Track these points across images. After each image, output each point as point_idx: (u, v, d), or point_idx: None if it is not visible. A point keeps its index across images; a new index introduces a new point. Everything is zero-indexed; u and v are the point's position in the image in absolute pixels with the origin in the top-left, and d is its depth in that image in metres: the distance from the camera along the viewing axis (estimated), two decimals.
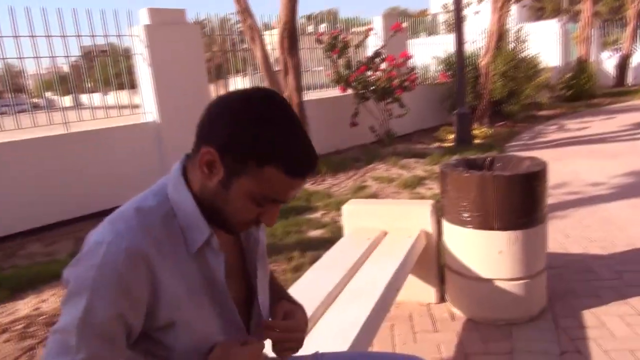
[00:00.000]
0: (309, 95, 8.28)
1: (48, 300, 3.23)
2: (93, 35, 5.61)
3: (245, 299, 1.09)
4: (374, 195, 5.06)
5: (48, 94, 9.43)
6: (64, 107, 5.91)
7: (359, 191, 5.27)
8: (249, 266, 1.10)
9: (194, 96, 6.21)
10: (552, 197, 4.37)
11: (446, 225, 2.69)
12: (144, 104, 6.14)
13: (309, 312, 1.28)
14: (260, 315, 1.09)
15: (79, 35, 5.51)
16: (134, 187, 4.99)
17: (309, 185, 6.03)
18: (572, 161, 6.25)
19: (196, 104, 6.08)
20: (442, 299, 2.86)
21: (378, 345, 2.44)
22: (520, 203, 2.44)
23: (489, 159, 2.82)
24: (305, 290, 2.07)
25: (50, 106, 5.84)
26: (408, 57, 7.97)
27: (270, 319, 1.13)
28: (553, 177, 4.79)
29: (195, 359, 0.97)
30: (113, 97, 6.45)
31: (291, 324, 1.10)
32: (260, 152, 0.89)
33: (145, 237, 0.91)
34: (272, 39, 7.56)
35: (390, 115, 8.03)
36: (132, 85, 6.40)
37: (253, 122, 0.89)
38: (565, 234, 3.77)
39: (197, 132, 0.96)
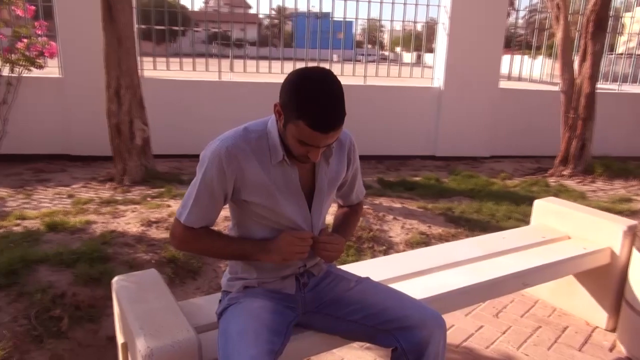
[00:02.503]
0: (622, 88, 7.29)
1: None
2: (405, 4, 6.35)
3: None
4: (634, 213, 4.40)
5: (397, 50, 10.67)
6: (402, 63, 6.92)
7: (619, 203, 4.64)
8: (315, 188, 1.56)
9: (481, 68, 6.39)
10: None
11: (636, 255, 2.41)
12: (435, 70, 6.67)
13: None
14: (315, 219, 1.55)
15: (392, 2, 6.35)
16: (408, 141, 6.07)
17: (574, 183, 5.59)
18: None
19: (481, 76, 6.30)
20: (614, 329, 2.60)
21: (506, 337, 2.50)
22: None
23: None
24: (443, 252, 2.36)
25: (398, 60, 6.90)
26: None
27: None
28: None
29: (260, 227, 1.52)
30: (412, 59, 7.19)
31: (332, 238, 1.54)
32: (296, 111, 1.33)
33: (242, 144, 1.47)
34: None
35: None
36: (430, 50, 6.99)
37: (294, 91, 1.34)
38: None
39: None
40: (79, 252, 2.63)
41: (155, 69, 6.13)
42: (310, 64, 6.25)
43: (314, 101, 1.32)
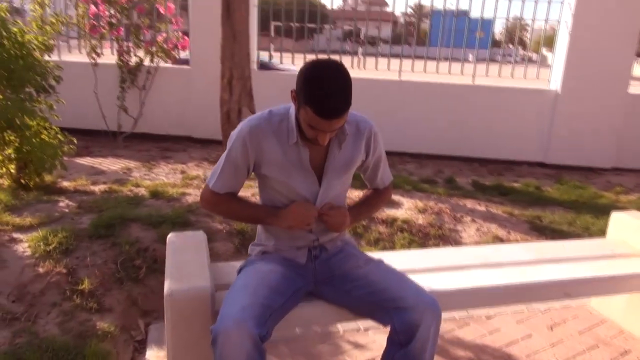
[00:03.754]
0: None
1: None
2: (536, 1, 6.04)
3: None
4: None
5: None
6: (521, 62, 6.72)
7: None
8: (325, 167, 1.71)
9: (607, 71, 5.87)
10: None
11: None
12: (552, 71, 6.25)
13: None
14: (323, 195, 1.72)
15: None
16: (516, 145, 6.08)
17: None
18: None
19: (607, 79, 5.78)
20: None
21: (554, 350, 2.40)
22: None
23: None
24: (490, 252, 2.35)
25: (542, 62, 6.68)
26: None
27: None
28: None
29: (279, 197, 1.73)
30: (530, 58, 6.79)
31: (333, 211, 1.71)
32: (304, 98, 1.50)
33: (264, 125, 1.68)
34: None
35: None
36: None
37: (304, 80, 1.51)
38: None
39: None
40: (167, 216, 3.06)
41: (293, 64, 6.58)
42: (443, 64, 6.27)
43: (318, 90, 1.48)
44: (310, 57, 6.52)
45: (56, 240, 2.64)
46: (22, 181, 3.82)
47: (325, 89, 1.48)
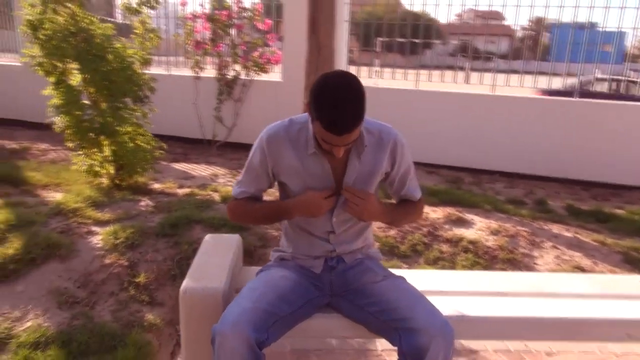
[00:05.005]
0: None
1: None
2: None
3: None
4: None
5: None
6: None
7: None
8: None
9: None
10: None
11: None
12: None
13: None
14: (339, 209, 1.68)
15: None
16: (629, 168, 5.71)
17: None
18: None
19: None
20: None
21: None
22: None
23: None
24: (545, 280, 2.14)
25: None
26: None
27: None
28: None
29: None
30: None
31: (357, 190, 1.64)
32: (314, 112, 1.49)
33: (282, 133, 1.69)
34: None
35: None
36: None
37: (314, 94, 1.49)
38: None
39: None
40: (228, 220, 3.18)
41: (393, 79, 6.56)
42: (570, 79, 5.81)
43: (327, 105, 1.46)
44: (422, 72, 6.50)
45: (124, 235, 2.87)
46: (117, 181, 4.22)
47: (333, 105, 1.45)
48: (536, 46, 7.37)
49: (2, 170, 4.24)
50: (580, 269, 3.17)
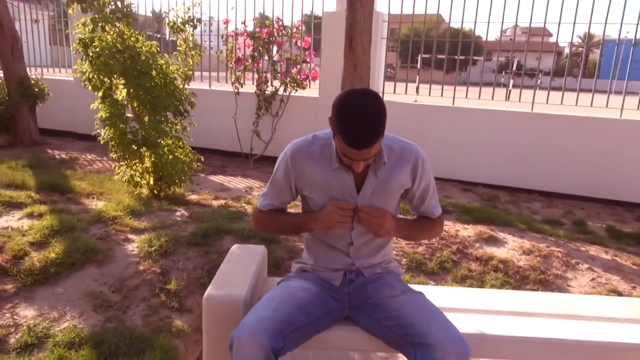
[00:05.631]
0: None
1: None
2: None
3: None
4: None
5: None
6: None
7: None
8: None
9: None
10: None
11: None
12: None
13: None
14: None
15: None
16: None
17: None
18: None
19: None
20: None
21: None
22: None
23: None
24: (574, 302, 2.08)
25: None
26: None
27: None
28: None
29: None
30: None
31: (372, 209, 1.66)
32: (336, 127, 1.54)
33: (307, 148, 1.75)
34: None
35: None
36: None
37: (336, 109, 1.54)
38: None
39: None
40: (257, 232, 3.26)
41: (442, 96, 6.47)
42: (616, 97, 5.66)
43: (348, 120, 1.51)
44: (471, 89, 6.45)
45: (158, 243, 2.99)
46: (156, 191, 4.39)
47: (354, 120, 1.50)
48: (582, 63, 7.17)
49: (51, 178, 4.48)
50: (617, 293, 3.06)
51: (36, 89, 7.23)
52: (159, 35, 8.26)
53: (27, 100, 7.16)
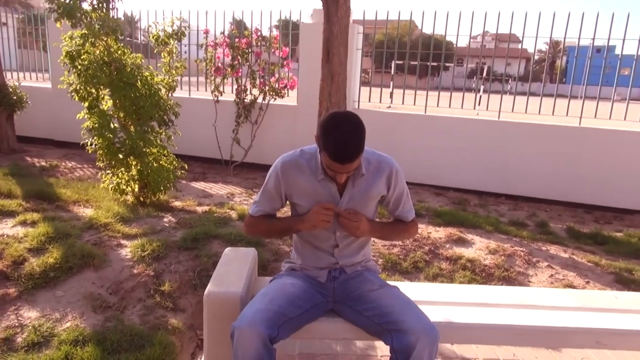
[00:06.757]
0: None
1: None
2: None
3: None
4: None
5: None
6: None
7: None
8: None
9: None
10: None
11: None
12: None
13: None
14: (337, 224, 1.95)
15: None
16: (632, 192, 5.96)
17: None
18: None
19: None
20: None
21: None
22: None
23: None
24: (529, 294, 2.36)
25: None
26: None
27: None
28: None
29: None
30: None
31: (350, 212, 1.91)
32: (321, 144, 1.78)
33: (295, 161, 1.99)
34: None
35: None
36: None
37: (321, 127, 1.79)
38: None
39: None
40: (243, 236, 3.47)
41: (414, 104, 6.72)
42: (591, 103, 5.93)
43: (332, 138, 1.75)
44: (444, 95, 6.80)
45: (150, 248, 3.17)
46: (141, 199, 4.55)
47: (336, 138, 1.74)
48: (552, 69, 7.55)
49: (36, 187, 4.59)
50: (572, 288, 3.38)
51: (14, 97, 7.27)
52: (130, 39, 8.34)
53: (5, 109, 7.18)
